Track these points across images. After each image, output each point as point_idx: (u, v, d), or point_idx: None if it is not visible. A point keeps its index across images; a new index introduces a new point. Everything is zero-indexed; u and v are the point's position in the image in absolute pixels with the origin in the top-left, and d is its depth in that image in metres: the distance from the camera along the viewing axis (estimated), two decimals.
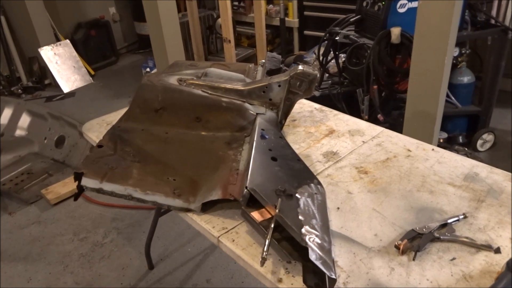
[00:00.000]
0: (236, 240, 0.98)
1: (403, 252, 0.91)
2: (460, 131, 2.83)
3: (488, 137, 2.82)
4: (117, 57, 5.15)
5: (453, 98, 2.66)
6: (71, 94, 4.29)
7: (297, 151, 1.29)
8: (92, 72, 4.69)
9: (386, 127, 1.44)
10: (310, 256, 0.79)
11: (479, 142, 2.81)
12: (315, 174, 1.18)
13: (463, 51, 2.68)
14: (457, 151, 2.72)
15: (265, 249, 0.79)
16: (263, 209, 0.90)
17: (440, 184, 1.13)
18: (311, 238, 0.84)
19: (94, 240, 2.27)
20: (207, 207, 1.07)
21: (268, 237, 0.82)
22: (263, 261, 0.79)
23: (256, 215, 0.87)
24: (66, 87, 4.33)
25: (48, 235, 2.33)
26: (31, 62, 4.44)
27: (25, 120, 2.80)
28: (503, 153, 2.82)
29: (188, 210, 1.07)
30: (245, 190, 0.94)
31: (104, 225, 2.38)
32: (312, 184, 1.03)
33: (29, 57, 4.46)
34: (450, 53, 1.92)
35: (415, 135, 1.44)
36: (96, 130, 1.49)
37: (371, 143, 1.35)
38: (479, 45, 3.17)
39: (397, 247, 0.91)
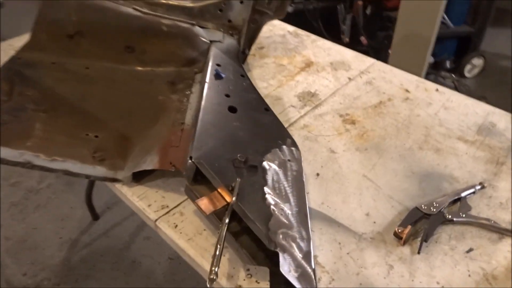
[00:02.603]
0: (180, 226, 0.74)
1: (405, 242, 0.69)
2: (448, 55, 2.59)
3: (478, 61, 2.60)
4: None
5: (445, 16, 2.37)
6: None
7: (264, 92, 1.02)
8: None
9: (369, 53, 1.17)
10: (281, 268, 0.56)
11: (467, 67, 2.59)
12: (287, 124, 0.92)
13: None
14: (444, 78, 2.51)
15: (214, 265, 0.55)
16: (216, 192, 0.65)
17: (448, 139, 0.90)
18: (283, 237, 0.61)
19: (28, 186, 1.98)
20: (141, 175, 0.81)
21: (219, 245, 0.57)
22: (211, 282, 0.55)
23: (204, 203, 0.62)
24: None
25: None
26: None
27: None
28: (492, 80, 2.64)
29: (114, 180, 0.80)
30: (189, 161, 0.68)
31: None
32: (284, 147, 0.77)
33: None
34: None
35: (404, 61, 1.19)
36: None
37: (359, 80, 1.08)
38: None
39: (397, 235, 0.70)
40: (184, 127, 0.81)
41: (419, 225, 0.72)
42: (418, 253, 0.68)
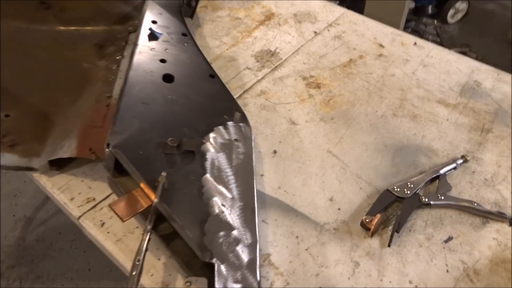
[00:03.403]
0: (108, 223, 0.62)
1: (373, 233, 0.59)
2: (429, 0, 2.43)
3: (461, 5, 2.45)
4: None
5: None
6: None
7: (216, 52, 0.87)
8: None
9: (345, 2, 1.02)
10: (216, 284, 0.45)
11: (450, 12, 2.44)
12: (241, 91, 0.79)
13: None
14: (425, 25, 2.36)
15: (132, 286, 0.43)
16: (138, 190, 0.52)
17: (426, 102, 0.78)
18: (223, 241, 0.49)
19: None
20: (64, 161, 0.67)
21: (138, 260, 0.45)
22: None
23: (121, 207, 0.49)
24: None
25: None
26: None
27: None
28: (476, 26, 2.50)
29: (28, 169, 0.67)
30: (107, 149, 0.54)
31: None
32: (230, 124, 0.64)
33: None
34: None
35: (381, 7, 1.04)
36: None
37: (327, 35, 0.94)
38: None
39: (364, 225, 0.59)
40: (111, 102, 0.68)
41: (391, 211, 0.62)
42: (389, 246, 0.58)
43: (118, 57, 0.76)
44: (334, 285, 0.55)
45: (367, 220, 0.59)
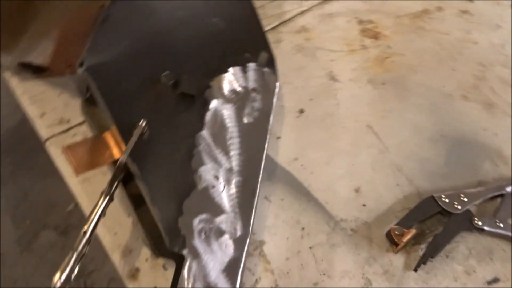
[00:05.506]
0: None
1: (400, 250, 0.46)
2: None
3: None
4: None
5: None
6: None
7: None
8: None
9: None
10: (179, 284, 0.34)
11: None
12: (277, 22, 0.63)
13: None
14: None
15: (62, 271, 0.32)
16: (107, 134, 0.39)
17: (507, 86, 0.61)
18: (202, 228, 0.37)
19: None
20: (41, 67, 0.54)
21: (85, 233, 0.34)
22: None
23: (78, 154, 0.37)
24: None
25: None
26: None
27: None
28: None
29: None
30: (78, 67, 0.41)
31: None
32: (251, 66, 0.49)
33: None
34: None
35: None
36: None
37: None
38: None
39: (391, 236, 0.46)
40: (106, 3, 0.52)
41: (429, 224, 0.48)
42: (415, 270, 0.45)
43: None
44: None
45: (396, 232, 0.46)
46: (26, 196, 1.35)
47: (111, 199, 0.37)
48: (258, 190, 0.42)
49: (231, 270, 0.37)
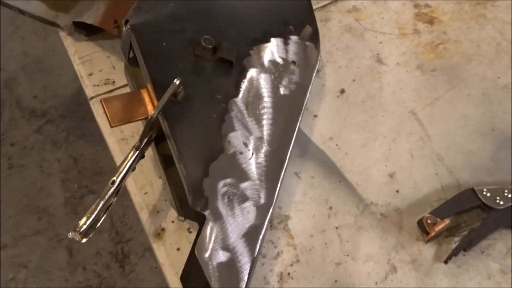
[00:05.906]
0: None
1: (430, 239, 0.44)
2: None
3: None
4: None
5: None
6: None
7: None
8: None
9: None
10: (196, 249, 0.35)
11: None
12: (321, 4, 0.61)
13: None
14: None
15: (87, 218, 0.34)
16: (144, 91, 0.40)
17: None
18: (225, 193, 0.37)
19: None
20: (94, 27, 0.57)
21: (113, 182, 0.35)
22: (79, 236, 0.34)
23: (114, 107, 0.38)
24: None
25: None
26: None
27: None
28: None
29: (53, 24, 0.57)
30: (124, 27, 0.42)
31: None
32: (294, 39, 0.48)
33: None
34: None
35: None
36: None
37: None
38: None
39: (422, 225, 0.44)
40: None
41: (466, 218, 0.46)
42: (445, 262, 0.43)
43: None
44: (354, 284, 0.43)
45: (429, 221, 0.44)
46: (76, 161, 1.43)
47: (141, 155, 0.38)
48: (286, 162, 0.42)
49: (250, 236, 0.37)
